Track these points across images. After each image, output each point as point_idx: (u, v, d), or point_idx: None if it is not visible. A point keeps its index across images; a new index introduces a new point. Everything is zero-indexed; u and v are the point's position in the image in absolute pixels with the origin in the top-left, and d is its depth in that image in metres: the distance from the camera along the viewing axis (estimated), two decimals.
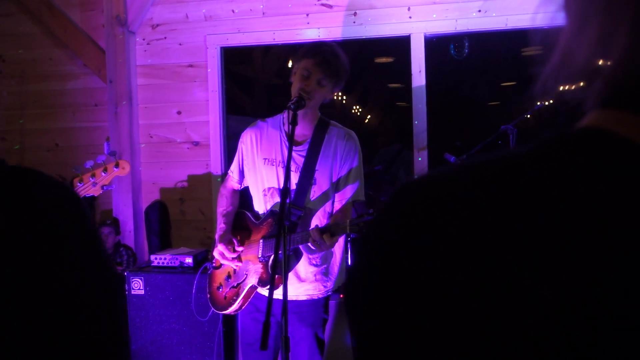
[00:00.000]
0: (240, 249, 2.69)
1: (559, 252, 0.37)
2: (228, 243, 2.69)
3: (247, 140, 2.72)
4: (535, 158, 0.42)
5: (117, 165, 2.70)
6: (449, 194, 0.42)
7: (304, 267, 2.62)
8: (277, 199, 2.61)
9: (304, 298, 2.64)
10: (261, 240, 2.63)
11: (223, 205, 2.78)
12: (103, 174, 2.68)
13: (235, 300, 2.66)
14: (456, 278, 0.39)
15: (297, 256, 2.59)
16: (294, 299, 2.59)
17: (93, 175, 2.67)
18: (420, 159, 3.92)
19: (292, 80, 2.57)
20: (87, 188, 2.66)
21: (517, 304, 0.37)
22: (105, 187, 2.72)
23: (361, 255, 0.46)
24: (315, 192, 2.59)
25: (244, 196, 2.87)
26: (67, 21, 4.28)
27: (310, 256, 2.63)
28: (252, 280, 2.62)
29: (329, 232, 2.36)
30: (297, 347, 2.63)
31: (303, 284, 2.63)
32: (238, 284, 2.68)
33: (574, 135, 0.44)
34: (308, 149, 2.58)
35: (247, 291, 2.64)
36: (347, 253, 3.16)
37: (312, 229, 2.44)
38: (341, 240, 2.68)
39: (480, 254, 0.38)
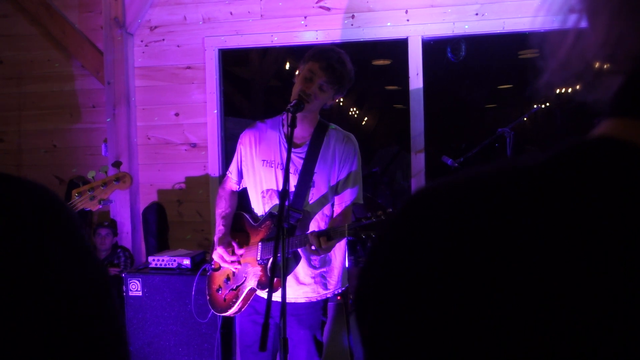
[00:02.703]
0: (239, 251, 2.69)
1: (559, 254, 0.37)
2: (227, 246, 2.68)
3: (246, 142, 2.71)
4: (552, 168, 0.41)
5: (117, 179, 2.58)
6: (464, 202, 0.42)
7: (302, 269, 2.62)
8: (276, 201, 2.61)
9: (303, 300, 2.64)
10: (260, 243, 2.63)
11: (222, 207, 2.77)
12: (102, 187, 2.57)
13: (234, 303, 2.66)
14: (472, 283, 0.38)
15: (296, 259, 2.59)
16: (293, 301, 2.59)
17: (92, 189, 2.57)
18: (416, 160, 3.93)
19: (295, 80, 2.56)
20: (84, 201, 2.56)
21: (528, 307, 0.37)
22: (104, 202, 2.61)
23: (374, 261, 0.45)
24: (314, 195, 2.59)
25: (243, 197, 2.86)
26: (65, 23, 4.28)
27: (312, 257, 2.62)
28: (251, 283, 2.62)
29: (326, 236, 2.35)
30: (296, 350, 2.63)
31: (302, 286, 2.63)
32: (237, 287, 2.67)
33: (591, 144, 0.43)
34: (307, 151, 2.58)
35: (246, 294, 2.63)
36: (346, 256, 3.16)
37: (310, 233, 2.43)
38: (342, 244, 2.67)
39: (495, 260, 0.38)
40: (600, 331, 0.36)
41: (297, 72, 2.57)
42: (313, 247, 2.37)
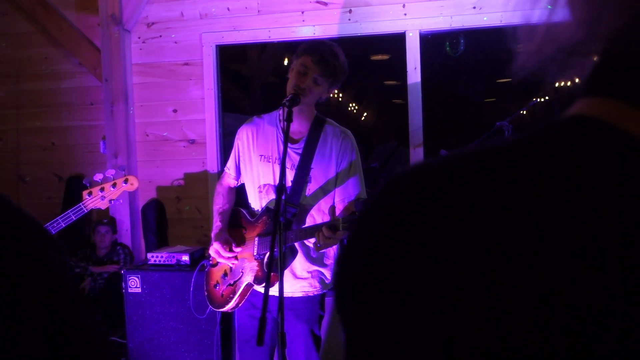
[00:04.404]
0: (236, 248, 2.69)
1: (559, 247, 0.37)
2: (224, 242, 2.69)
3: (244, 137, 2.71)
4: (521, 148, 0.41)
5: (126, 181, 2.81)
6: (461, 187, 0.41)
7: (300, 264, 2.63)
8: (272, 196, 2.61)
9: (300, 295, 2.64)
10: (256, 238, 2.63)
11: (219, 203, 2.78)
12: (112, 188, 2.79)
13: (232, 298, 2.66)
14: (472, 273, 0.38)
15: (293, 253, 2.59)
16: (290, 295, 2.59)
17: (102, 189, 2.77)
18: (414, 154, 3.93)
19: (289, 76, 2.56)
20: (95, 201, 2.76)
21: (528, 301, 0.36)
22: (113, 202, 2.83)
23: (359, 246, 0.45)
24: (310, 190, 2.59)
25: (240, 193, 2.87)
26: (62, 20, 4.27)
27: (311, 250, 2.63)
28: (247, 278, 2.62)
29: (323, 230, 2.34)
30: (294, 344, 2.64)
31: (299, 280, 2.63)
32: (234, 282, 2.68)
33: (563, 124, 0.42)
34: (304, 146, 2.58)
35: (243, 289, 2.64)
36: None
37: (307, 226, 2.44)
38: None
39: (495, 252, 0.38)
40: (598, 328, 0.36)
41: (290, 67, 2.57)
42: (313, 241, 2.37)
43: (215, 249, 2.68)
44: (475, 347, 0.37)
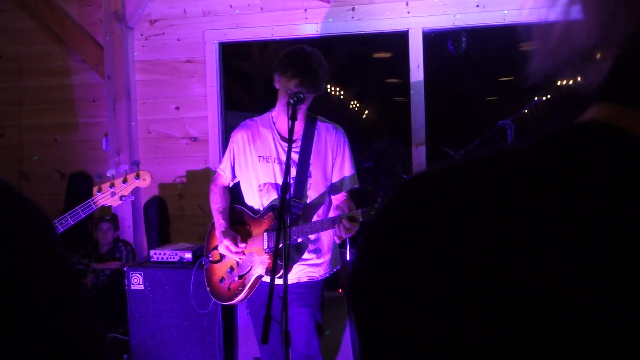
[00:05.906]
0: (242, 244, 2.80)
1: (560, 247, 0.37)
2: (232, 238, 2.78)
3: (239, 141, 2.82)
4: (535, 153, 0.41)
5: (137, 176, 2.67)
6: (463, 189, 0.41)
7: (305, 251, 2.77)
8: (274, 194, 2.73)
9: (305, 280, 2.76)
10: (265, 233, 2.74)
11: (218, 202, 2.89)
12: (123, 184, 2.64)
13: (241, 291, 2.78)
14: (473, 273, 0.38)
15: (303, 246, 2.75)
16: (296, 281, 2.71)
17: (112, 185, 2.63)
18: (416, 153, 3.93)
19: (277, 86, 2.66)
20: (105, 197, 2.63)
21: (528, 301, 0.37)
22: (124, 198, 2.68)
23: (367, 249, 0.45)
24: (312, 185, 2.72)
25: (233, 192, 2.97)
26: (64, 17, 4.27)
27: (310, 245, 2.76)
28: (258, 271, 2.74)
29: (351, 220, 2.48)
30: (295, 328, 2.70)
31: (304, 267, 2.76)
32: (242, 276, 2.79)
33: (577, 129, 0.42)
34: (301, 145, 2.71)
35: (253, 281, 2.75)
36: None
37: (335, 217, 2.55)
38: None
39: (496, 252, 0.38)
40: (598, 328, 0.36)
41: (276, 78, 2.64)
42: (337, 234, 2.51)
43: (225, 245, 2.78)
44: (476, 347, 0.37)
